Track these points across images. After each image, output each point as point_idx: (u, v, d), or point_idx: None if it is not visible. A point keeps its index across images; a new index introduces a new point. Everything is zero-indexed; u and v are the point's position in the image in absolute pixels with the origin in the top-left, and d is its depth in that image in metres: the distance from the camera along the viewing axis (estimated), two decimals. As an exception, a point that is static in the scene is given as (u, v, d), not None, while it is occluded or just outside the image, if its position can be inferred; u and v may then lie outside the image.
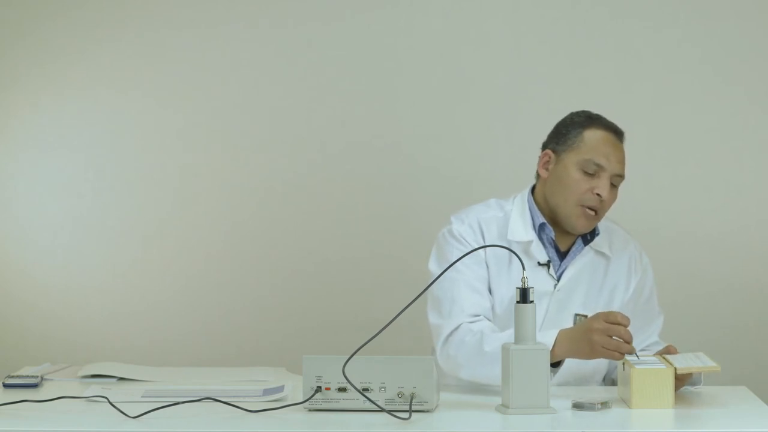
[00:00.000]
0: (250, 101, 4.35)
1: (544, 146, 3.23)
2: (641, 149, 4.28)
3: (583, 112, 3.22)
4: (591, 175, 3.12)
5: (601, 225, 3.22)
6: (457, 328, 3.05)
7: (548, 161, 3.19)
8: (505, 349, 2.71)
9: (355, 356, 2.69)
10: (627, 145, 3.22)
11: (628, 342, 2.83)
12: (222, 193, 4.36)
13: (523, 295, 2.71)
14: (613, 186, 3.14)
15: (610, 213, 3.25)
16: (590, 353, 2.88)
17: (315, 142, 4.34)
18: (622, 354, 2.82)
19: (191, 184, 4.36)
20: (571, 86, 4.26)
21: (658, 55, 4.30)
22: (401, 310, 2.78)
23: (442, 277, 2.99)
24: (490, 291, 3.16)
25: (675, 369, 2.77)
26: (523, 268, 2.73)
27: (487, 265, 3.16)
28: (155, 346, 4.34)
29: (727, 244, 4.30)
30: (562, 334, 2.92)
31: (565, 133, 3.18)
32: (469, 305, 3.09)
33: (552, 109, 3.34)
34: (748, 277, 4.30)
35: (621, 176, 3.15)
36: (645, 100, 4.30)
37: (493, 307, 3.16)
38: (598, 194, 3.10)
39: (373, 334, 2.69)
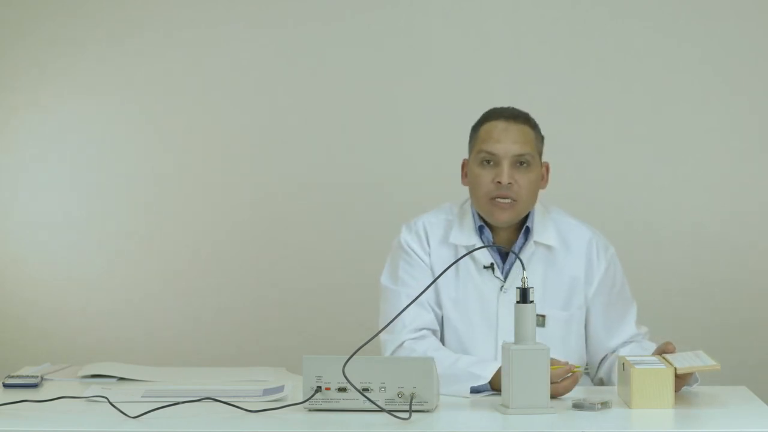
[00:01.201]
0: (251, 101, 4.35)
1: None
2: (641, 149, 4.30)
3: (485, 111, 3.22)
4: (490, 166, 3.11)
5: (547, 220, 3.19)
6: (400, 346, 3.07)
7: (466, 172, 3.21)
8: (505, 349, 2.71)
9: (355, 356, 2.69)
10: (627, 144, 3.22)
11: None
12: (222, 192, 4.36)
13: (523, 295, 2.71)
14: (523, 166, 3.10)
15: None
16: None
17: (315, 141, 4.35)
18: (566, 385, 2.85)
19: (191, 183, 4.37)
20: (571, 86, 4.26)
21: (658, 55, 4.30)
22: (402, 309, 2.78)
23: (389, 291, 3.11)
24: (439, 299, 3.16)
25: (675, 369, 2.77)
26: (524, 268, 2.73)
27: (433, 272, 3.15)
28: (155, 346, 4.34)
29: (727, 243, 4.30)
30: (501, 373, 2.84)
31: (469, 138, 3.21)
32: (410, 320, 3.08)
33: (552, 109, 3.35)
34: (748, 277, 4.30)
35: (523, 154, 3.10)
36: (645, 100, 4.30)
37: (444, 317, 3.15)
38: (499, 182, 3.08)
39: (372, 335, 2.69)
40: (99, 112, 4.37)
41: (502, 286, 3.13)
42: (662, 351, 2.91)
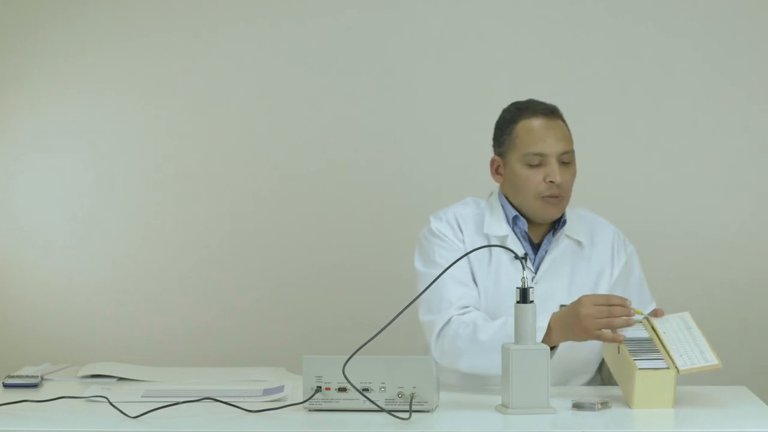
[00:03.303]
0: (250, 102, 4.35)
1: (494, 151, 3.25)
2: (641, 149, 4.30)
3: (513, 105, 3.23)
4: (537, 165, 3.12)
5: (578, 216, 3.23)
6: (448, 322, 3.06)
7: (498, 166, 3.21)
8: (505, 349, 2.71)
9: (355, 356, 2.69)
10: (627, 145, 3.22)
11: (624, 315, 2.82)
12: (222, 193, 4.36)
13: (523, 295, 2.71)
14: (565, 164, 3.14)
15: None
16: (585, 337, 2.87)
17: (315, 143, 4.35)
18: (618, 334, 2.81)
19: (191, 184, 4.37)
20: (571, 86, 4.26)
21: (658, 55, 4.30)
22: (401, 309, 2.78)
23: (427, 275, 3.07)
24: (476, 284, 3.17)
25: (677, 369, 2.77)
26: (523, 268, 2.74)
27: (469, 258, 3.16)
28: (155, 346, 4.34)
29: (727, 243, 4.30)
30: (555, 318, 2.91)
31: (500, 134, 3.21)
32: (457, 298, 3.09)
33: (552, 109, 3.34)
34: (748, 277, 4.30)
35: (568, 152, 3.14)
36: (645, 100, 4.30)
37: None
38: (551, 181, 3.10)
39: (372, 335, 2.69)
40: (99, 112, 4.37)
41: (533, 278, 3.15)
42: (651, 316, 2.90)
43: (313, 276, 4.35)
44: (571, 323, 2.87)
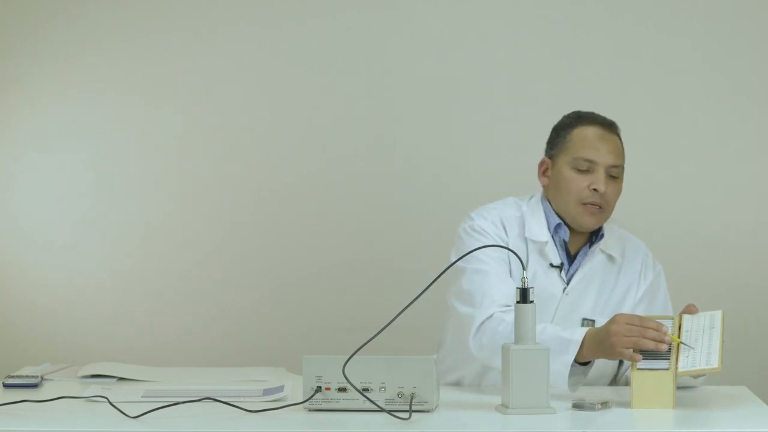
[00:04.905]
0: (250, 102, 4.35)
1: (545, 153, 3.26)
2: (641, 149, 4.29)
3: (574, 112, 3.24)
4: (585, 171, 3.13)
5: (614, 231, 3.23)
6: (490, 317, 3.04)
7: (547, 168, 3.22)
8: (504, 349, 2.71)
9: (355, 356, 2.69)
10: (627, 145, 3.22)
11: (656, 339, 2.79)
12: (222, 194, 4.36)
13: (523, 295, 2.71)
14: (613, 177, 3.15)
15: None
16: (610, 354, 2.86)
17: (315, 144, 4.34)
18: (639, 355, 2.79)
19: (191, 184, 4.37)
20: (571, 86, 4.26)
21: (659, 55, 4.30)
22: (403, 308, 2.78)
23: (466, 270, 3.07)
24: None
25: (676, 369, 2.77)
26: (524, 268, 2.74)
27: (510, 265, 3.16)
28: (155, 346, 4.34)
29: (727, 244, 4.30)
30: (590, 334, 2.90)
31: (556, 136, 3.22)
32: (500, 296, 3.08)
33: (552, 110, 3.34)
34: (749, 277, 4.30)
35: (617, 166, 3.15)
36: (645, 100, 4.30)
37: None
38: (595, 189, 3.11)
39: (372, 335, 2.69)
40: (99, 112, 4.37)
41: (565, 288, 3.16)
42: (685, 312, 2.89)
43: (313, 276, 4.35)
44: (600, 339, 2.86)
